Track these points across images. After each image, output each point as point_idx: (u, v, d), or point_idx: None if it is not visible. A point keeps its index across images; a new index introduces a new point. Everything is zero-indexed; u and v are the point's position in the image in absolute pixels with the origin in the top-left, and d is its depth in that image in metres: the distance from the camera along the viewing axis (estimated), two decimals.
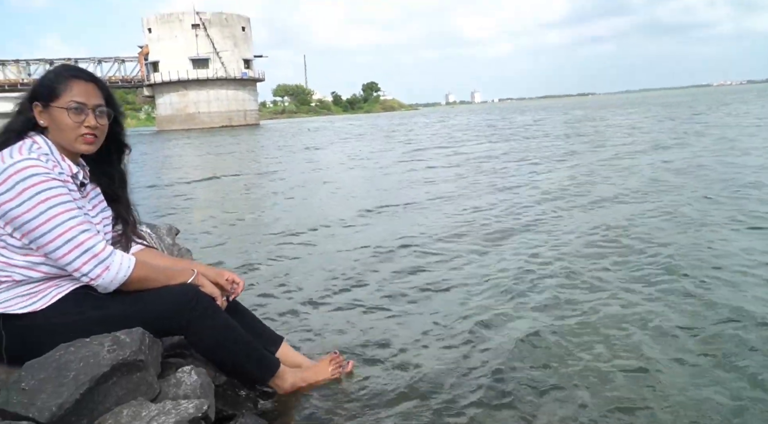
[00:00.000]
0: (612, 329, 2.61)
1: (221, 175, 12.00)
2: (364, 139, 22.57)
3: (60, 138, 1.71)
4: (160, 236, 3.38)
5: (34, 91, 1.72)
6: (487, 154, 12.44)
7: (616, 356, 2.34)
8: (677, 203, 5.48)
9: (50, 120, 1.70)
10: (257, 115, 67.70)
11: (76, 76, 1.73)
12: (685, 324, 2.61)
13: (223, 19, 62.23)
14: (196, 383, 1.72)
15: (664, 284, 3.17)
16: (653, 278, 3.29)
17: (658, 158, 9.43)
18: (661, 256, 3.72)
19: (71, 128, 1.70)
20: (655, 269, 3.45)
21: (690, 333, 2.52)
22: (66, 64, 1.84)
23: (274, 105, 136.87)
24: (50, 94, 1.69)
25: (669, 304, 2.87)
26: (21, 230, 1.60)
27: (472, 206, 6.16)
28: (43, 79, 1.74)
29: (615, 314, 2.80)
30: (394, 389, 2.16)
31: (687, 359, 2.28)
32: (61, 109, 1.68)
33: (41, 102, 1.70)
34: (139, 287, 1.74)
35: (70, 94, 1.69)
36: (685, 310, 2.78)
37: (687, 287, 3.09)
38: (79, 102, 1.69)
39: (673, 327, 2.58)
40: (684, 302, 2.88)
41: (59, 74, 1.73)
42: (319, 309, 3.17)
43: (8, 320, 1.63)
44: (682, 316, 2.71)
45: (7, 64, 58.21)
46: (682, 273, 3.33)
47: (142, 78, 62.57)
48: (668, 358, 2.30)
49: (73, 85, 1.70)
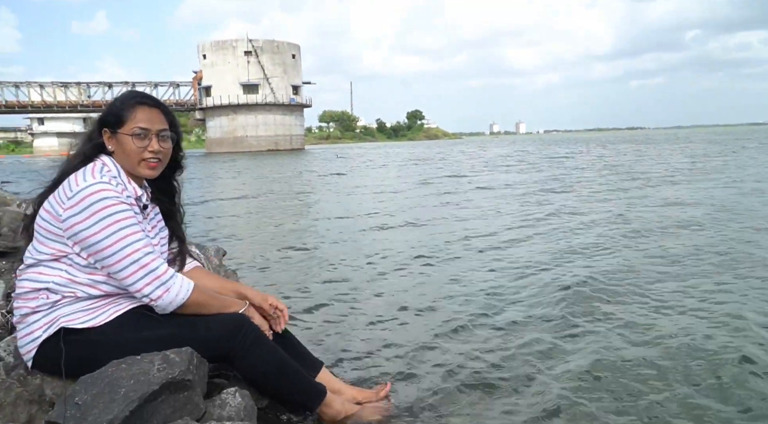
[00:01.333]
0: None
1: (266, 197, 12.23)
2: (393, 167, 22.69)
3: (125, 162, 1.79)
4: (208, 257, 3.45)
5: (103, 118, 1.81)
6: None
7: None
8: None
9: (117, 145, 1.78)
10: (303, 140, 69.09)
11: (141, 102, 1.81)
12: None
13: (274, 47, 64.22)
14: (240, 405, 1.74)
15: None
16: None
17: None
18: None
19: (135, 153, 1.77)
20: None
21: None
22: (132, 91, 1.92)
23: (319, 130, 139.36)
24: (117, 121, 1.77)
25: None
26: (89, 250, 1.66)
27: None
28: (111, 106, 1.82)
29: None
30: (439, 415, 2.15)
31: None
32: (125, 135, 1.76)
33: (109, 128, 1.78)
34: (194, 311, 1.77)
35: (135, 120, 1.77)
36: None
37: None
38: (142, 128, 1.77)
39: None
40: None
41: (125, 101, 1.81)
42: (362, 336, 3.16)
43: (68, 335, 1.68)
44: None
45: (69, 87, 61.24)
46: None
47: (194, 102, 64.87)
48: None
49: (137, 111, 1.78)
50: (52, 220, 1.67)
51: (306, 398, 1.95)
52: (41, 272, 1.70)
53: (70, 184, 1.66)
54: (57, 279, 1.69)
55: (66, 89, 61.08)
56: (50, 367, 1.70)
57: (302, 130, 70.66)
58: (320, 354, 2.76)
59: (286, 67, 64.92)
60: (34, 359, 1.71)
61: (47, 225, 1.68)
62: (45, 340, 1.68)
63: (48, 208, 1.69)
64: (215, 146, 62.15)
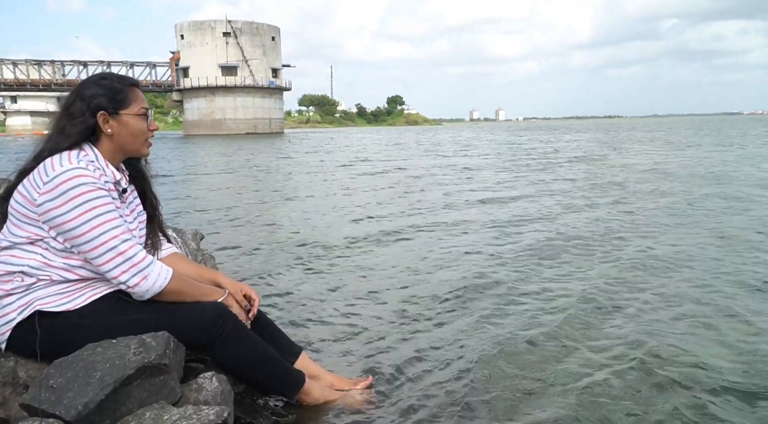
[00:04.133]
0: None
1: (246, 180, 12.14)
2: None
3: (129, 143, 1.79)
4: (185, 241, 3.42)
5: (99, 101, 1.73)
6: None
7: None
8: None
9: (119, 127, 1.76)
10: (282, 124, 68.45)
11: (134, 84, 1.83)
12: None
13: (253, 28, 63.22)
14: (217, 389, 1.74)
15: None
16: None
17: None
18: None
19: (143, 133, 1.80)
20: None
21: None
22: (119, 74, 1.87)
23: (299, 114, 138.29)
24: (119, 103, 1.75)
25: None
26: (65, 235, 1.64)
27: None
28: (107, 89, 1.76)
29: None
30: (420, 406, 2.17)
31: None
32: (133, 115, 1.77)
33: (108, 111, 1.74)
34: (172, 299, 1.77)
35: (139, 101, 1.78)
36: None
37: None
38: (145, 108, 1.80)
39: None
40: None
41: (122, 83, 1.79)
42: (342, 321, 3.18)
43: (43, 317, 1.66)
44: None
45: (44, 65, 59.75)
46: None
47: (172, 83, 63.76)
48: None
49: (137, 92, 1.80)
50: (27, 203, 1.64)
51: (284, 387, 1.97)
52: (15, 255, 1.68)
53: (45, 168, 1.63)
54: (32, 262, 1.67)
55: (40, 67, 59.59)
56: (24, 350, 1.69)
57: (281, 113, 69.96)
58: (300, 339, 2.79)
59: (266, 50, 63.97)
60: (8, 342, 1.69)
61: (22, 208, 1.65)
62: (19, 323, 1.66)
63: (23, 192, 1.65)
64: (193, 128, 61.27)
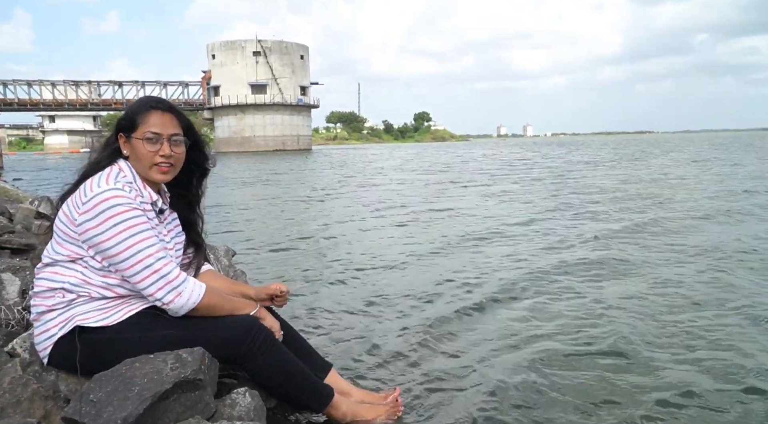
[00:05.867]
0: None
1: (274, 195, 12.27)
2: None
3: (138, 167, 1.82)
4: (218, 257, 3.49)
5: (119, 123, 1.85)
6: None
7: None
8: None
9: (131, 150, 1.82)
10: (309, 141, 69.24)
11: (154, 107, 1.84)
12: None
13: (283, 47, 64.41)
14: (250, 405, 1.76)
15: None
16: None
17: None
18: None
19: (147, 157, 1.80)
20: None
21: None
22: (147, 97, 1.95)
23: (326, 131, 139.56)
24: (131, 126, 1.81)
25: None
26: (103, 254, 1.70)
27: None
28: (127, 111, 1.85)
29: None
30: (447, 419, 2.17)
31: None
32: (138, 140, 1.80)
33: (124, 133, 1.82)
34: (206, 314, 1.81)
35: (147, 125, 1.80)
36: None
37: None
38: (154, 132, 1.80)
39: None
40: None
41: (140, 106, 1.84)
42: (371, 338, 3.17)
43: (83, 333, 1.72)
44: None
45: (81, 85, 61.68)
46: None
47: (203, 101, 65.14)
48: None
49: (151, 116, 1.81)
50: (68, 223, 1.71)
51: (313, 401, 1.98)
52: (57, 272, 1.74)
53: (85, 189, 1.70)
54: (72, 279, 1.73)
55: (77, 88, 61.53)
56: (65, 364, 1.74)
57: (309, 130, 70.81)
58: (327, 353, 2.80)
59: (295, 68, 65.08)
60: (49, 356, 1.75)
61: (64, 227, 1.73)
62: (60, 338, 1.72)
63: (65, 211, 1.73)
64: (223, 146, 62.37)
